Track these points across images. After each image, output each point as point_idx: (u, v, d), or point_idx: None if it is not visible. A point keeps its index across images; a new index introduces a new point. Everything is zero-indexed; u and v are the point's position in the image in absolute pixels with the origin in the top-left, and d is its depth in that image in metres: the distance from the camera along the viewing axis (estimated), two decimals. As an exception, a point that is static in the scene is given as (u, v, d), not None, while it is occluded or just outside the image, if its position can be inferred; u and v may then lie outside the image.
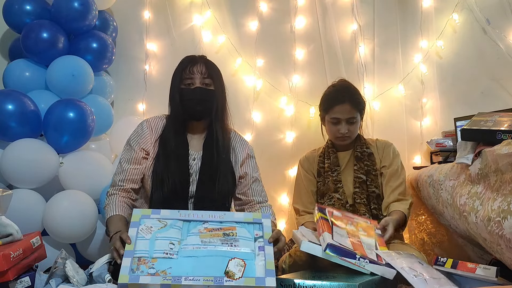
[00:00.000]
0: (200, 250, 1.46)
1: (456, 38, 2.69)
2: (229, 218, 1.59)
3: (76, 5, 2.32)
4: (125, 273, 1.39)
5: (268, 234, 1.54)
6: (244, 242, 1.50)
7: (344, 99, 2.08)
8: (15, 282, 1.50)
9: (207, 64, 1.86)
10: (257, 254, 1.47)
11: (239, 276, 1.39)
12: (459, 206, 1.60)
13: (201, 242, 1.49)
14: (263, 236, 1.53)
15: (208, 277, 1.38)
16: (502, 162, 1.35)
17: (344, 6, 2.72)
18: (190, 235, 1.52)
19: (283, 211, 2.62)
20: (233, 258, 1.44)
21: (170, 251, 1.45)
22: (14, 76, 2.33)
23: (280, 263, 1.90)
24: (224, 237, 1.51)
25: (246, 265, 1.43)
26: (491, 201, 1.38)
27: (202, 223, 1.56)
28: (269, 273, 1.41)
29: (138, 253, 1.44)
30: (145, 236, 1.50)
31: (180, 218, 1.57)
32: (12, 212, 1.76)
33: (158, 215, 1.57)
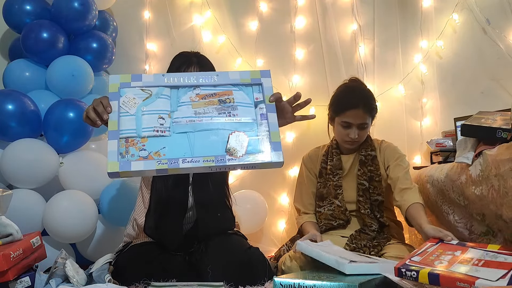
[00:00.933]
0: (195, 124, 1.31)
1: (456, 38, 2.69)
2: (224, 80, 1.40)
3: (76, 5, 2.32)
4: (113, 159, 1.23)
5: (269, 96, 1.39)
6: (244, 109, 1.35)
7: (358, 104, 1.98)
8: (15, 282, 1.50)
9: (201, 63, 1.82)
10: (259, 123, 1.33)
11: (242, 153, 1.27)
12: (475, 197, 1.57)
13: (194, 113, 1.33)
14: (264, 100, 1.37)
15: (208, 157, 1.25)
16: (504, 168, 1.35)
17: (344, 6, 2.72)
18: (180, 105, 1.34)
19: (283, 211, 2.62)
20: (234, 132, 1.30)
21: (161, 127, 1.29)
22: (14, 76, 2.33)
23: (280, 264, 1.90)
24: (220, 104, 1.34)
25: (249, 139, 1.29)
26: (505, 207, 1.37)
27: (193, 88, 1.37)
28: (274, 146, 1.29)
29: (125, 133, 1.28)
30: (128, 111, 1.31)
31: (167, 85, 1.37)
32: (12, 212, 1.76)
33: (140, 81, 1.37)
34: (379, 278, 1.46)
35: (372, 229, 1.95)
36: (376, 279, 1.44)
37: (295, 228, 2.43)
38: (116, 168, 1.21)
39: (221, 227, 1.78)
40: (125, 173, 1.22)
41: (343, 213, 2.02)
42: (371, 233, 1.94)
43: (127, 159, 1.23)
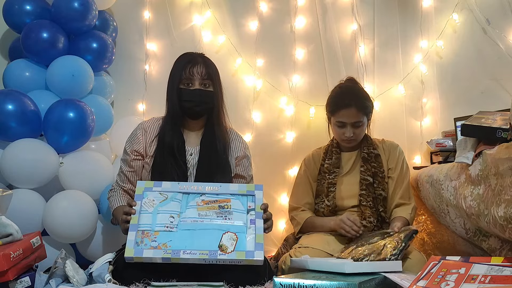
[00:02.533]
0: (197, 224, 1.62)
1: (456, 38, 2.69)
2: (225, 190, 1.72)
3: (76, 5, 2.31)
4: (130, 246, 1.55)
5: (259, 207, 1.68)
6: (237, 215, 1.65)
7: (350, 103, 2.03)
8: (15, 282, 1.50)
9: (206, 64, 1.87)
10: (248, 227, 1.62)
11: (231, 250, 1.55)
12: (465, 208, 1.60)
13: (198, 215, 1.64)
14: (255, 208, 1.67)
15: (204, 251, 1.54)
16: (503, 166, 1.35)
17: (344, 6, 2.72)
18: (188, 207, 1.66)
19: (283, 211, 2.62)
20: (227, 232, 1.60)
21: (171, 224, 1.61)
22: (14, 76, 2.33)
23: (280, 264, 1.90)
24: (219, 209, 1.66)
25: (238, 239, 1.58)
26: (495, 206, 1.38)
27: (200, 195, 1.70)
28: (258, 246, 1.57)
29: (142, 227, 1.60)
30: (148, 209, 1.65)
31: (180, 191, 1.70)
32: (12, 212, 1.76)
33: (160, 187, 1.71)
34: (379, 278, 1.46)
35: (370, 220, 1.97)
36: (376, 279, 1.44)
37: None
38: (131, 253, 1.54)
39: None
40: (138, 258, 1.54)
41: (332, 212, 2.06)
42: (368, 224, 1.96)
43: (141, 248, 1.55)
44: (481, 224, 1.52)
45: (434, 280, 1.37)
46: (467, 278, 1.31)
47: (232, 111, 2.03)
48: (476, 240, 1.76)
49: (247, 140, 2.63)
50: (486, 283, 1.26)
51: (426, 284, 1.36)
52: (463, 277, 1.33)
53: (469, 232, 1.81)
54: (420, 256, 1.79)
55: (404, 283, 1.41)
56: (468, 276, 1.32)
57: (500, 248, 1.63)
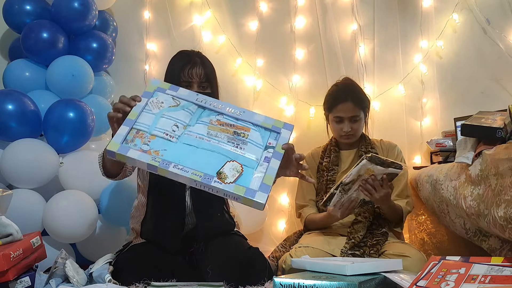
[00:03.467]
0: (202, 141, 1.36)
1: (456, 38, 2.69)
2: (247, 117, 1.45)
3: (76, 5, 2.32)
4: (117, 141, 1.32)
5: (280, 146, 1.41)
6: (252, 147, 1.38)
7: (346, 98, 2.09)
8: (15, 282, 1.50)
9: (204, 65, 1.83)
10: (260, 164, 1.35)
11: (230, 180, 1.28)
12: (465, 208, 1.60)
13: (206, 133, 1.39)
14: (275, 147, 1.40)
15: (198, 171, 1.28)
16: (503, 167, 1.35)
17: (344, 6, 2.72)
18: (199, 122, 1.42)
19: (283, 211, 2.62)
20: (232, 161, 1.33)
21: (172, 133, 1.37)
22: (14, 76, 2.33)
23: (280, 263, 1.90)
24: (233, 135, 1.39)
25: (243, 172, 1.31)
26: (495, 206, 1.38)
27: (217, 114, 1.44)
28: (263, 188, 1.30)
29: (138, 125, 1.37)
30: (152, 110, 1.41)
31: (196, 102, 1.46)
32: (12, 212, 1.76)
33: (175, 92, 1.47)
34: (379, 278, 1.46)
35: (366, 216, 1.98)
36: (376, 279, 1.44)
37: (295, 228, 2.44)
38: (115, 148, 1.30)
39: (220, 227, 1.78)
40: (120, 156, 1.30)
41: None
42: (363, 219, 1.97)
43: (127, 146, 1.31)
44: (481, 224, 1.52)
45: (434, 280, 1.37)
46: (467, 278, 1.31)
47: (232, 111, 2.02)
48: (476, 240, 1.76)
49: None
50: (486, 283, 1.26)
51: (426, 284, 1.36)
52: (463, 277, 1.33)
53: (469, 232, 1.81)
54: (420, 256, 1.79)
55: (404, 283, 1.41)
56: (468, 276, 1.32)
57: (500, 248, 1.63)
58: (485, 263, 1.36)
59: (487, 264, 1.35)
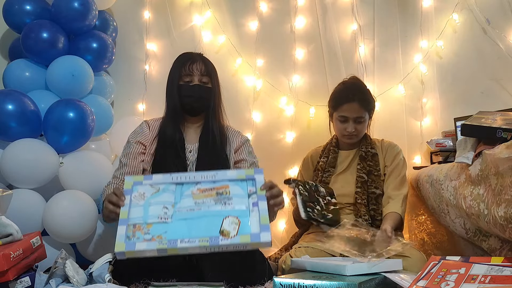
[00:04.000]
0: (194, 212, 1.45)
1: (456, 38, 2.69)
2: (222, 177, 1.56)
3: (76, 5, 2.32)
4: (121, 241, 1.38)
5: (261, 191, 1.52)
6: (238, 199, 1.48)
7: (353, 98, 2.08)
8: (15, 282, 1.50)
9: (205, 62, 1.92)
10: (251, 210, 1.46)
11: (234, 234, 1.38)
12: (465, 208, 1.60)
13: (194, 204, 1.48)
14: (256, 192, 1.50)
15: (204, 237, 1.37)
16: (503, 166, 1.35)
17: (344, 6, 2.72)
18: (183, 197, 1.51)
19: (283, 211, 2.62)
20: (228, 217, 1.43)
21: (164, 215, 1.44)
22: (14, 76, 2.33)
23: (280, 263, 1.90)
24: (217, 196, 1.49)
25: (241, 222, 1.41)
26: (495, 206, 1.38)
27: (195, 184, 1.54)
28: (263, 228, 1.40)
29: (133, 220, 1.44)
30: (138, 203, 1.49)
31: (173, 182, 1.55)
32: (12, 212, 1.76)
33: (150, 180, 1.55)
34: (379, 278, 1.46)
35: (366, 218, 1.99)
36: (376, 279, 1.44)
37: (295, 228, 2.43)
38: (122, 248, 1.37)
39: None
40: (130, 253, 1.37)
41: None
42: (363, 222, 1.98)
43: (132, 241, 1.39)
44: (481, 224, 1.52)
45: (434, 280, 1.37)
46: (467, 278, 1.32)
47: (232, 111, 2.03)
48: (476, 240, 1.76)
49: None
50: (486, 283, 1.26)
51: (426, 284, 1.36)
52: (463, 277, 1.33)
53: (469, 232, 1.81)
54: (420, 256, 1.79)
55: (404, 283, 1.41)
56: (468, 276, 1.32)
57: (500, 248, 1.62)
58: (485, 263, 1.36)
59: (487, 264, 1.35)
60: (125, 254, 1.37)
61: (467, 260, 1.42)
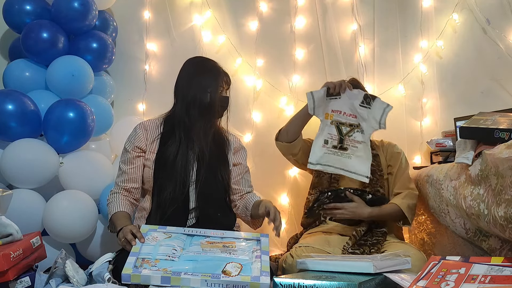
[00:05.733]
0: (201, 255, 1.55)
1: (456, 38, 2.69)
2: (230, 235, 1.69)
3: (76, 5, 2.32)
4: (129, 266, 1.47)
5: (265, 247, 1.63)
6: (242, 252, 1.58)
7: None
8: (15, 282, 1.50)
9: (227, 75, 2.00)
10: (253, 261, 1.55)
11: (235, 274, 1.46)
12: (465, 208, 1.60)
13: (202, 250, 1.58)
14: (261, 248, 1.62)
15: (206, 274, 1.45)
16: (503, 166, 1.35)
17: (344, 6, 2.72)
18: (192, 245, 1.62)
19: (283, 211, 2.62)
20: (231, 262, 1.52)
21: (173, 254, 1.54)
22: (14, 76, 2.33)
23: (280, 263, 1.91)
24: (223, 248, 1.60)
25: (243, 267, 1.50)
26: (496, 206, 1.38)
27: (205, 237, 1.66)
28: (264, 273, 1.48)
29: (143, 255, 1.53)
30: (150, 243, 1.59)
31: (184, 233, 1.67)
32: (12, 212, 1.76)
33: (164, 229, 1.68)
34: (379, 278, 1.46)
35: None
36: (376, 279, 1.44)
37: (295, 228, 2.44)
38: (129, 271, 1.46)
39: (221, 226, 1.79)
40: (135, 277, 1.45)
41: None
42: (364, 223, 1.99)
43: (139, 270, 1.47)
44: (481, 224, 1.52)
45: (434, 280, 1.36)
46: (467, 278, 1.31)
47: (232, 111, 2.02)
48: (476, 240, 1.76)
49: (247, 140, 2.63)
50: (486, 283, 1.26)
51: (426, 284, 1.36)
52: (463, 277, 1.33)
53: (469, 232, 1.81)
54: (420, 255, 1.79)
55: (404, 283, 1.41)
56: (468, 276, 1.32)
57: (500, 248, 1.63)
58: (485, 263, 1.36)
59: (487, 264, 1.35)
60: (130, 277, 1.45)
61: (467, 260, 1.42)
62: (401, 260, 1.57)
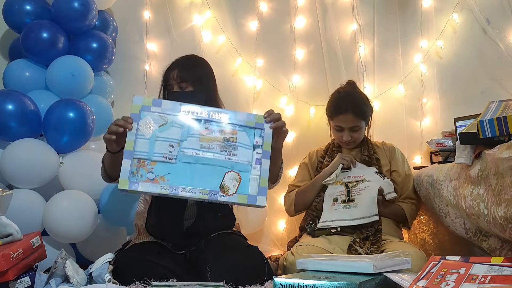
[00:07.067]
0: (199, 157, 1.50)
1: (456, 38, 2.69)
2: (231, 120, 1.57)
3: (76, 5, 2.31)
4: (124, 177, 1.44)
5: (267, 143, 1.55)
6: (243, 150, 1.53)
7: (347, 109, 2.10)
8: (15, 282, 1.50)
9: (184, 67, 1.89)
10: (253, 166, 1.51)
11: (233, 192, 1.47)
12: (465, 208, 1.60)
13: (200, 147, 1.52)
14: (262, 145, 1.54)
15: (204, 190, 1.46)
16: (503, 166, 1.35)
17: (344, 6, 2.72)
18: (190, 136, 1.53)
19: (283, 211, 2.61)
20: (230, 171, 1.49)
21: (170, 154, 1.49)
22: (14, 76, 2.33)
23: (281, 261, 1.91)
24: (223, 142, 1.53)
25: (241, 180, 1.49)
26: (496, 206, 1.38)
27: (204, 121, 1.55)
28: (261, 191, 1.48)
29: (138, 155, 1.48)
30: (145, 134, 1.51)
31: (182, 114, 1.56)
32: (12, 212, 1.76)
33: (159, 107, 1.55)
34: (379, 278, 1.45)
35: None
36: (376, 279, 1.44)
37: (295, 228, 2.44)
38: (125, 186, 1.44)
39: (221, 226, 1.79)
40: (132, 191, 1.45)
41: None
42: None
43: (136, 179, 1.44)
44: (481, 224, 1.52)
45: (434, 280, 1.36)
46: (467, 278, 1.31)
47: (232, 111, 2.02)
48: (476, 240, 1.76)
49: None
50: (486, 283, 1.26)
51: (426, 284, 1.36)
52: (463, 277, 1.33)
53: (469, 232, 1.81)
54: (420, 254, 1.80)
55: (404, 283, 1.41)
56: (468, 276, 1.32)
57: (500, 248, 1.62)
58: (485, 263, 1.36)
59: (487, 264, 1.35)
60: (128, 192, 1.45)
61: (467, 260, 1.42)
62: (401, 260, 1.57)
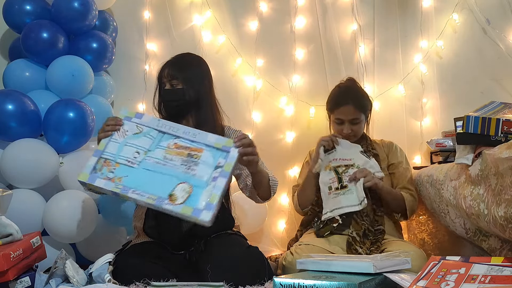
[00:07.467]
0: (159, 166, 1.56)
1: (456, 38, 2.69)
2: (201, 140, 1.61)
3: (76, 5, 2.31)
4: (87, 171, 1.55)
5: (229, 165, 1.55)
6: (203, 168, 1.55)
7: (347, 101, 2.12)
8: (15, 282, 1.50)
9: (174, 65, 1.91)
10: (208, 183, 1.51)
11: (180, 202, 1.47)
12: (465, 208, 1.60)
13: (163, 158, 1.57)
14: (223, 166, 1.55)
15: (153, 195, 1.48)
16: (503, 166, 1.35)
17: (344, 6, 2.72)
18: (158, 147, 1.61)
19: (283, 211, 2.62)
20: (183, 183, 1.51)
21: (134, 159, 1.57)
22: (14, 76, 2.33)
23: (281, 261, 1.91)
24: (187, 157, 1.57)
25: (192, 192, 1.49)
26: (496, 206, 1.38)
27: (175, 137, 1.62)
28: (208, 206, 1.46)
29: (106, 155, 1.59)
30: (118, 139, 1.62)
31: (157, 128, 1.64)
32: (12, 212, 1.76)
33: (139, 119, 1.67)
34: (379, 278, 1.46)
35: (365, 214, 2.00)
36: (376, 279, 1.44)
37: (295, 228, 2.43)
38: (85, 179, 1.54)
39: (220, 227, 1.79)
40: (90, 185, 1.55)
41: None
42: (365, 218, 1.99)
43: (96, 175, 1.54)
44: (481, 224, 1.52)
45: (434, 280, 1.37)
46: (467, 278, 1.32)
47: (232, 111, 2.03)
48: (476, 240, 1.76)
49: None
50: (486, 283, 1.26)
51: (426, 284, 1.36)
52: (463, 277, 1.33)
53: (469, 232, 1.81)
54: (420, 253, 1.81)
55: (404, 283, 1.41)
56: (468, 276, 1.32)
57: (500, 248, 1.63)
58: (485, 263, 1.36)
59: (487, 264, 1.35)
60: (86, 185, 1.55)
61: (467, 260, 1.42)
62: (401, 260, 1.57)
